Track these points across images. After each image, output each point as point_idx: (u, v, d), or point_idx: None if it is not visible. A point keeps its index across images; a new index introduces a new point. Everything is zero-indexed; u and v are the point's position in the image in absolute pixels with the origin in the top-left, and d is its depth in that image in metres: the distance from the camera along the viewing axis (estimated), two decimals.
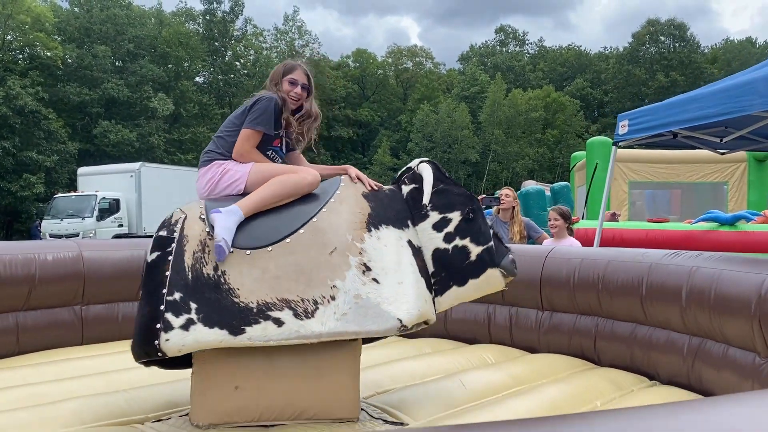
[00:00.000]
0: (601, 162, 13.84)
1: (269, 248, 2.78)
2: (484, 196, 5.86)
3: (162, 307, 2.62)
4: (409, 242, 2.97)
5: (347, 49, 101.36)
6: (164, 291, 2.66)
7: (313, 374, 2.79)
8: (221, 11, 52.19)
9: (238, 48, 54.21)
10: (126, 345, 4.29)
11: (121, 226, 23.54)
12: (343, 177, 3.15)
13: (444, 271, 3.01)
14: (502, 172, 54.43)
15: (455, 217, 3.03)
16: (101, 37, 43.89)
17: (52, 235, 22.20)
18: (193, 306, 2.63)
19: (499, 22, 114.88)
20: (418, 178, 3.11)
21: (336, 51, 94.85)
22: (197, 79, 52.53)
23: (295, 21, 56.54)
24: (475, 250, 3.01)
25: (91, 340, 4.42)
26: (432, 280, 3.00)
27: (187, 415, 2.89)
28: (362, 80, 62.48)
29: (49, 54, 42.51)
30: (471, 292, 3.07)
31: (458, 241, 3.01)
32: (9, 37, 42.46)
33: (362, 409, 2.99)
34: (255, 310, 2.66)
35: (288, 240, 2.81)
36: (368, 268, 2.82)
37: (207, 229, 2.80)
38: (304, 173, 2.99)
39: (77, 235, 21.81)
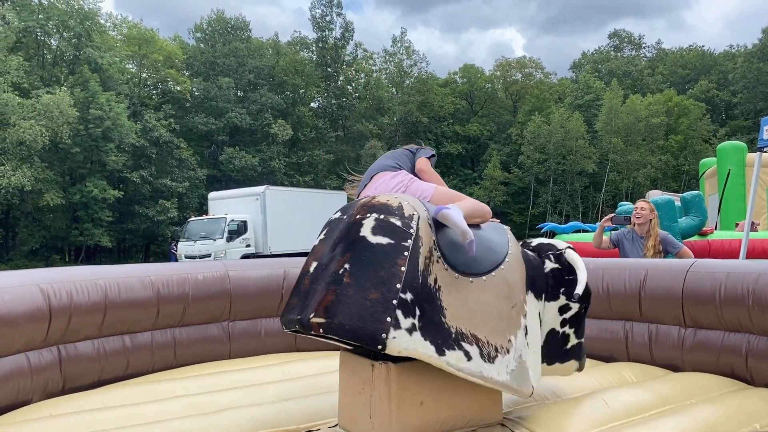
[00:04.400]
0: (734, 168, 12.96)
1: (471, 279, 2.79)
2: (614, 214, 5.65)
3: (395, 302, 2.49)
4: (539, 314, 3.17)
5: (450, 66, 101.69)
6: (398, 286, 2.51)
7: (475, 386, 2.83)
8: (333, 38, 54.10)
9: (349, 72, 55.86)
10: (270, 359, 4.57)
11: (248, 246, 24.85)
12: (506, 228, 3.28)
13: (545, 349, 3.24)
14: (622, 182, 52.10)
15: (575, 307, 3.24)
16: (224, 69, 46.84)
17: (187, 256, 23.84)
18: (418, 312, 2.56)
19: (607, 26, 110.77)
20: (564, 263, 3.20)
21: (439, 68, 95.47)
22: (312, 104, 54.68)
23: (403, 42, 57.48)
24: (572, 341, 3.29)
25: (237, 354, 4.71)
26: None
27: (336, 426, 3.02)
28: (470, 95, 62.31)
29: (179, 88, 45.97)
30: (548, 371, 3.32)
31: (567, 329, 3.26)
32: (144, 74, 46.34)
33: (502, 424, 3.01)
34: (454, 336, 2.64)
35: (484, 278, 2.83)
36: (527, 332, 2.95)
37: (434, 238, 2.73)
38: (477, 201, 3.24)
39: (209, 255, 23.27)
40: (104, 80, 39.31)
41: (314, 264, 2.76)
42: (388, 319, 2.46)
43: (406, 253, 2.57)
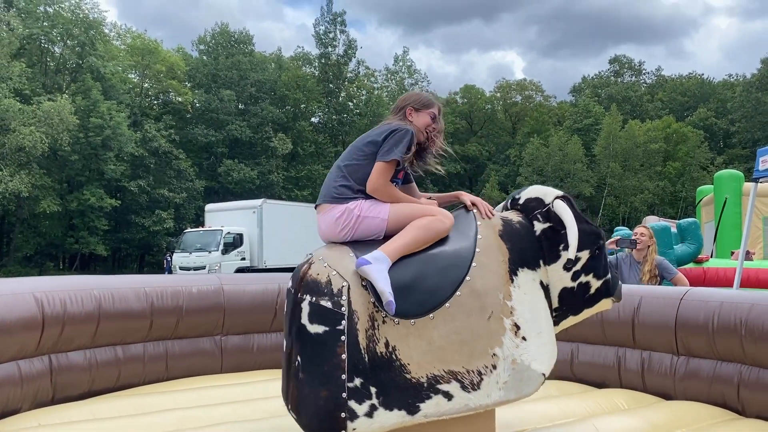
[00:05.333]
0: (731, 196, 13.02)
1: (431, 315, 2.66)
2: (619, 237, 5.68)
3: (344, 395, 2.50)
4: (541, 282, 2.96)
5: (451, 86, 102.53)
6: (344, 377, 2.52)
7: (463, 419, 2.77)
8: (336, 54, 54.45)
9: (351, 89, 56.18)
10: (261, 375, 4.55)
11: (243, 259, 24.82)
12: (475, 214, 2.99)
13: (565, 306, 3.06)
14: (619, 207, 52.28)
15: (584, 256, 3.01)
16: (226, 82, 47.08)
17: (181, 268, 23.81)
18: (373, 390, 2.54)
19: (607, 52, 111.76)
20: (554, 218, 2.98)
21: (439, 88, 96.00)
22: (313, 119, 54.92)
23: (405, 61, 57.91)
24: (595, 285, 3.06)
25: (228, 369, 4.69)
26: (554, 314, 3.04)
27: None
28: (470, 115, 62.66)
29: (180, 99, 46.19)
30: (582, 318, 3.17)
31: (583, 278, 3.03)
32: (146, 85, 46.55)
33: None
34: (426, 385, 2.61)
35: (448, 305, 2.69)
36: (518, 327, 2.80)
37: (372, 300, 2.62)
38: (441, 216, 2.87)
39: (204, 267, 23.23)
40: (106, 89, 39.47)
41: (285, 342, 2.77)
42: (342, 414, 2.50)
43: (342, 338, 2.54)
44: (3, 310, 3.42)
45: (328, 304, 2.59)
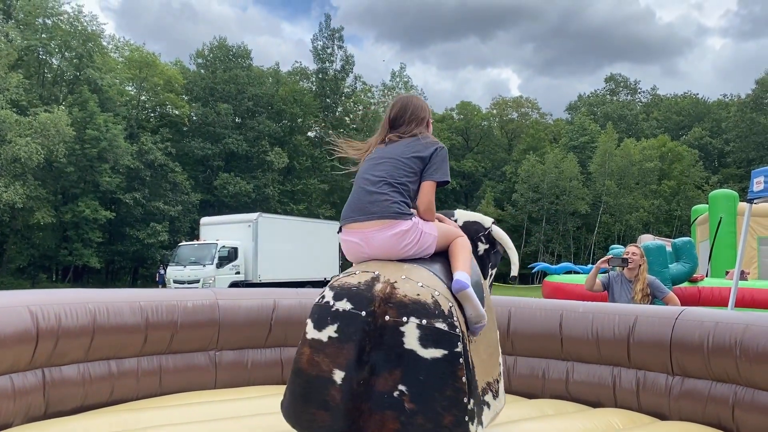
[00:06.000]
0: (725, 216, 13.09)
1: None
2: (611, 256, 5.70)
3: (466, 418, 2.42)
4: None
5: (447, 102, 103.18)
6: (466, 400, 2.43)
7: None
8: (333, 70, 54.75)
9: (348, 104, 56.43)
10: (256, 391, 4.53)
11: (238, 273, 24.73)
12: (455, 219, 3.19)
13: None
14: (615, 225, 52.42)
15: (493, 273, 3.34)
16: (224, 96, 47.23)
17: (175, 281, 23.69)
18: (476, 409, 2.53)
19: (603, 70, 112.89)
20: (492, 241, 3.18)
21: (435, 104, 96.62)
22: (309, 133, 55.06)
23: (402, 77, 58.25)
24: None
25: (222, 384, 4.66)
26: None
27: None
28: (466, 132, 62.98)
29: (177, 112, 46.27)
30: None
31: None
32: (143, 97, 46.65)
33: None
34: (482, 398, 2.69)
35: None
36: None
37: (464, 318, 2.61)
38: (462, 233, 2.99)
39: (198, 281, 23.12)
40: (103, 101, 39.53)
41: (340, 373, 2.44)
42: None
43: (461, 360, 2.43)
44: None
45: (444, 326, 2.44)
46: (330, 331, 2.47)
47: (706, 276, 10.87)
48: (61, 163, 35.78)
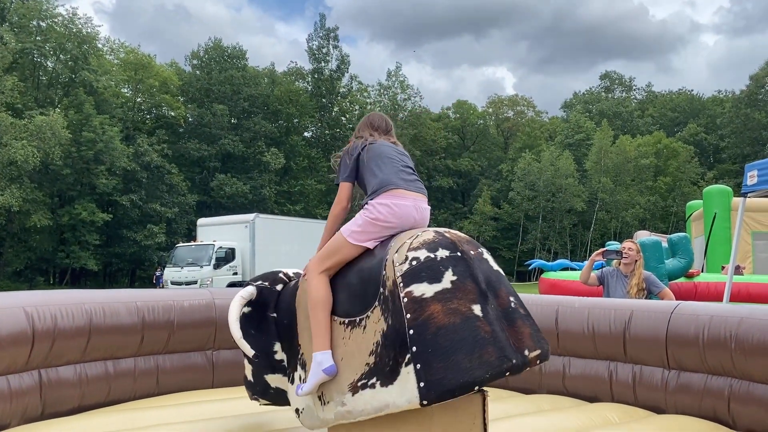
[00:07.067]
0: (720, 211, 13.13)
1: None
2: (605, 249, 5.71)
3: None
4: None
5: (442, 101, 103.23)
6: None
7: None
8: (329, 69, 54.71)
9: (344, 104, 56.38)
10: None
11: (235, 274, 24.68)
12: None
13: None
14: (611, 222, 52.50)
15: None
16: (219, 96, 47.15)
17: (173, 282, 23.65)
18: None
19: (597, 68, 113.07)
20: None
21: (431, 103, 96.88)
22: (306, 134, 55.00)
23: (398, 76, 58.21)
24: None
25: (220, 384, 4.68)
26: None
27: None
28: (462, 131, 62.97)
29: (173, 114, 46.18)
30: None
31: None
32: (139, 99, 46.56)
33: None
34: None
35: None
36: None
37: None
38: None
39: (195, 282, 23.08)
40: (99, 103, 39.43)
41: (476, 307, 2.53)
42: None
43: None
44: None
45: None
46: (449, 276, 2.56)
47: (702, 271, 10.91)
48: (57, 166, 35.68)
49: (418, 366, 2.41)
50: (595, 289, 6.05)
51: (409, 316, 2.47)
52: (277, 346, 3.21)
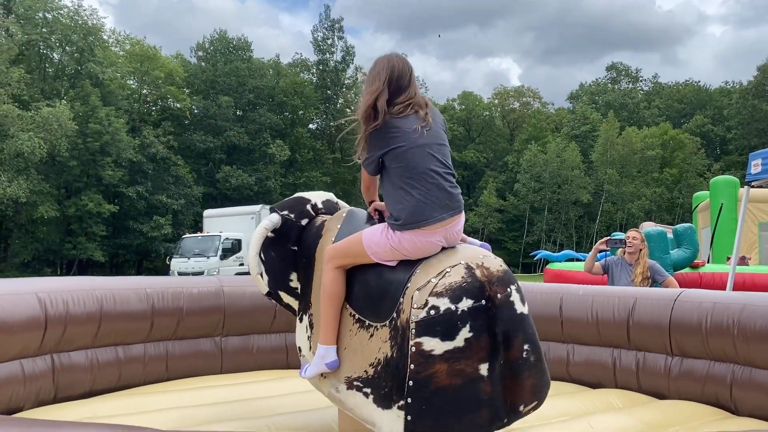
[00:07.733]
0: (726, 202, 13.12)
1: None
2: (608, 237, 5.75)
3: None
4: None
5: (447, 93, 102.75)
6: None
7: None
8: (333, 61, 54.60)
9: (349, 95, 56.28)
10: (261, 375, 4.60)
11: (242, 264, 24.80)
12: None
13: None
14: (617, 213, 52.37)
15: None
16: (225, 88, 47.15)
17: (180, 273, 23.78)
18: None
19: (603, 59, 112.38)
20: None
21: (435, 94, 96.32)
22: (311, 125, 54.95)
23: None
24: None
25: (228, 369, 4.74)
26: None
27: None
28: (468, 122, 62.82)
29: (178, 105, 46.22)
30: None
31: None
32: (145, 91, 46.62)
33: None
34: None
35: None
36: None
37: None
38: None
39: (202, 273, 23.22)
40: (105, 95, 39.52)
41: (484, 366, 2.46)
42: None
43: None
44: (7, 310, 3.47)
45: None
46: (464, 333, 2.44)
47: (708, 262, 10.91)
48: (63, 158, 35.83)
49: (409, 417, 2.42)
50: (600, 278, 6.09)
51: (413, 367, 2.42)
52: (294, 276, 3.28)
